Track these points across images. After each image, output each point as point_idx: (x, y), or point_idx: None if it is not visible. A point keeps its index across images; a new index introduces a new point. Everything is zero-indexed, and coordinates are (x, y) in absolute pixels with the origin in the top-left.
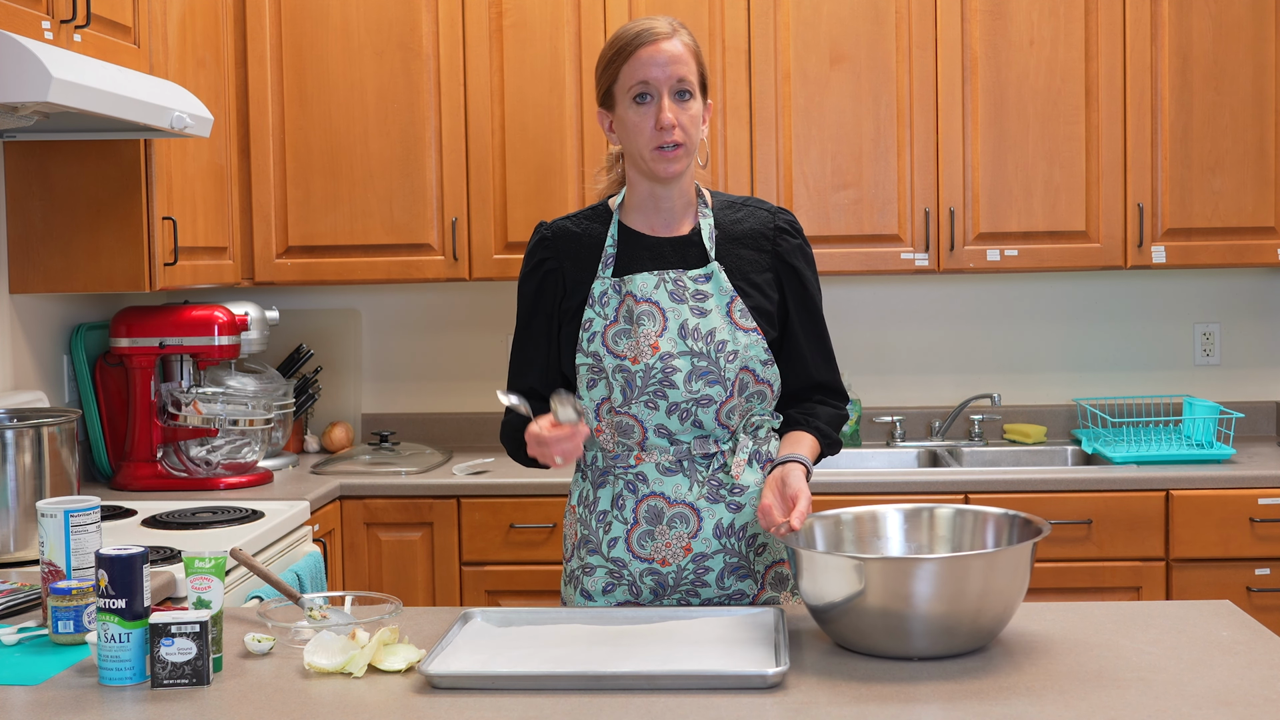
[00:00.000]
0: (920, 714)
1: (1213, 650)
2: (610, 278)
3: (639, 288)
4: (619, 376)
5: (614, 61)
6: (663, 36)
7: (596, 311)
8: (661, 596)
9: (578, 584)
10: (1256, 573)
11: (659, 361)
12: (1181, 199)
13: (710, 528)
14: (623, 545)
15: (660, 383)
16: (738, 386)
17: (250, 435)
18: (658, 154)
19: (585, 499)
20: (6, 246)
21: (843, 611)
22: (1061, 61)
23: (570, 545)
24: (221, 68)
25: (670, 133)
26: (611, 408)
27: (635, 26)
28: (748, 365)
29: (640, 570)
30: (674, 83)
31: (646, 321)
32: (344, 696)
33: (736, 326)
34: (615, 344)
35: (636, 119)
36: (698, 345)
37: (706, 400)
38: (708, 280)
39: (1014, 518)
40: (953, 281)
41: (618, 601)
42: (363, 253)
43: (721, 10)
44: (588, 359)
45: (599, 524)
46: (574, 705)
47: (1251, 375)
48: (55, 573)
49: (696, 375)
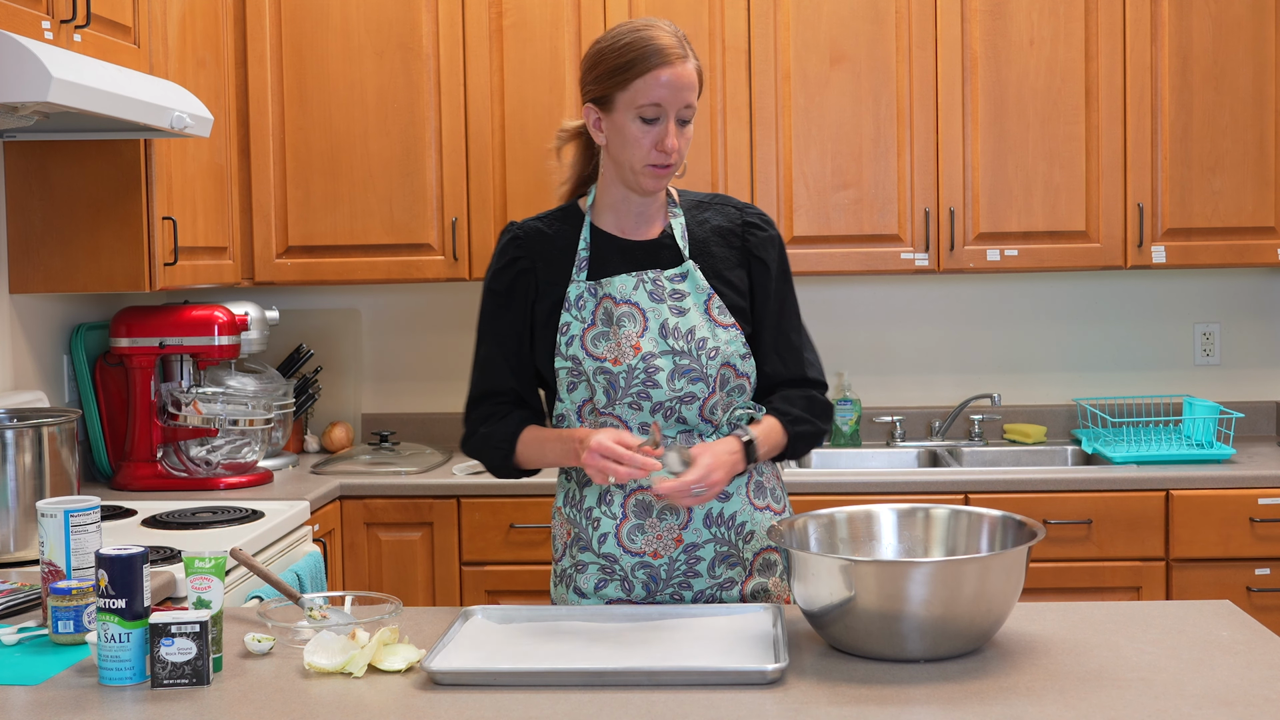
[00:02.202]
0: (920, 714)
1: (1213, 650)
2: (585, 281)
3: (618, 289)
4: (600, 378)
5: (625, 70)
6: (677, 58)
7: (573, 315)
8: (654, 590)
9: (570, 582)
10: (1256, 573)
11: (641, 362)
12: (1181, 199)
13: (700, 518)
14: (613, 540)
15: (644, 383)
16: (719, 382)
17: (250, 435)
18: (650, 170)
19: (572, 499)
20: (6, 246)
21: (837, 615)
22: (1061, 61)
23: (560, 545)
24: (221, 68)
25: (669, 156)
26: (594, 409)
27: (651, 39)
28: (728, 361)
29: (632, 564)
30: (681, 108)
31: (627, 323)
32: (344, 696)
33: (715, 324)
34: (594, 346)
35: (638, 134)
36: (679, 344)
37: (690, 398)
38: (684, 279)
39: (1009, 519)
40: (953, 281)
41: (610, 598)
42: (363, 253)
43: (721, 10)
44: (567, 362)
45: (587, 521)
46: (575, 702)
47: (1251, 375)
48: (55, 573)
49: (679, 374)
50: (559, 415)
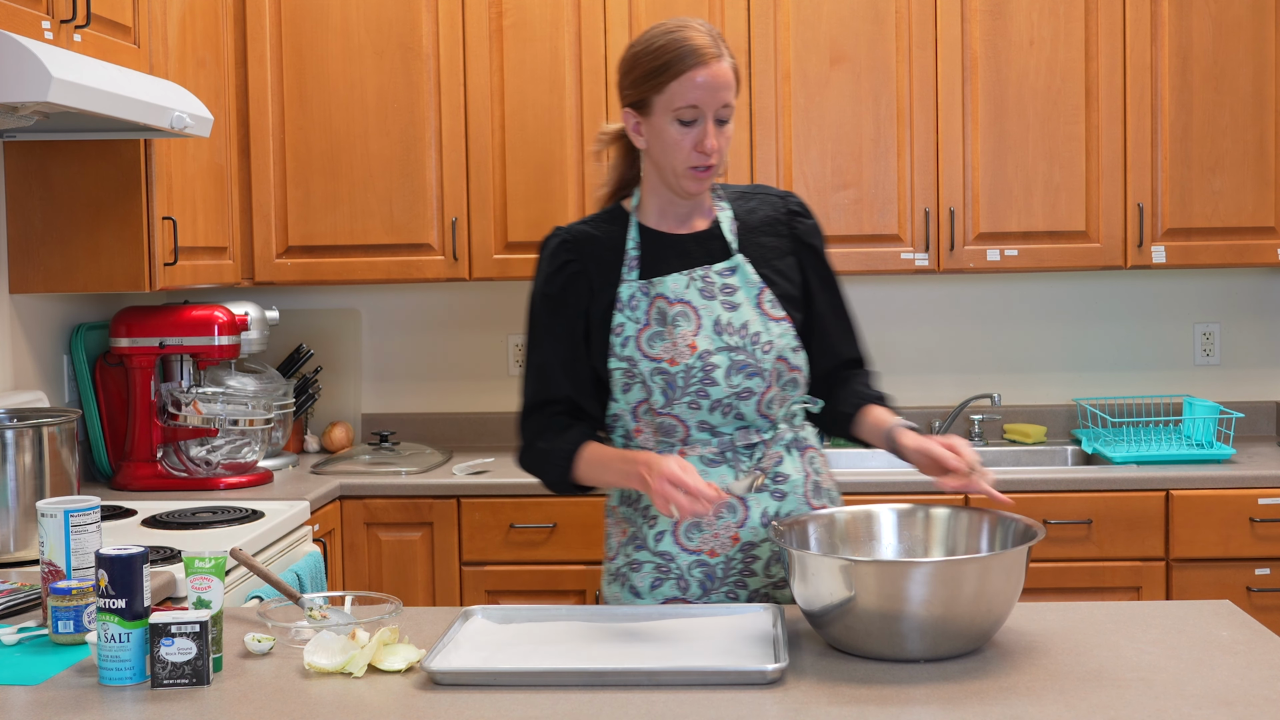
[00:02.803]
0: (921, 713)
1: (1213, 650)
2: (637, 280)
3: (670, 289)
4: (658, 379)
5: (660, 74)
6: (712, 58)
7: (627, 315)
8: (709, 589)
9: (624, 581)
10: (1256, 573)
11: (698, 360)
12: (1181, 199)
13: (757, 516)
14: (669, 538)
15: (701, 382)
16: (775, 376)
17: (250, 435)
18: (691, 173)
19: (628, 496)
20: (6, 246)
21: (837, 615)
22: (1061, 61)
23: (615, 544)
24: (221, 68)
25: (709, 157)
26: (651, 409)
27: (685, 40)
28: (781, 354)
29: (689, 563)
30: (719, 108)
31: (682, 322)
32: (344, 696)
33: (767, 317)
34: (650, 347)
35: (677, 136)
36: (733, 340)
37: (747, 393)
38: (733, 273)
39: (1009, 519)
40: (953, 281)
41: (665, 598)
42: (363, 253)
43: (721, 10)
44: (622, 363)
45: (644, 519)
46: (575, 702)
47: (1251, 375)
48: (55, 573)
49: (735, 369)
50: (613, 415)
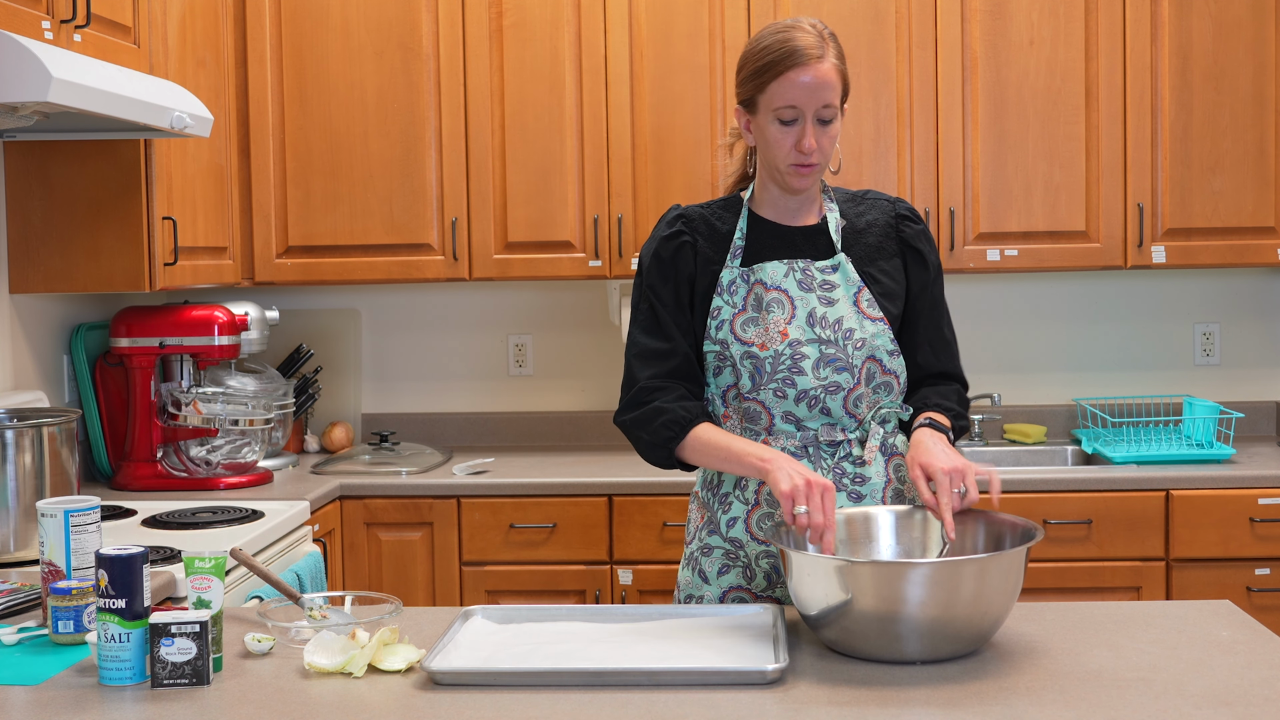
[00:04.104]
0: (921, 714)
1: (1213, 650)
2: (739, 267)
3: (769, 275)
4: (747, 363)
5: (762, 74)
6: (814, 58)
7: (725, 300)
8: (775, 582)
9: (695, 566)
10: (1256, 573)
11: (788, 348)
12: (1181, 199)
13: None
14: (741, 526)
15: (789, 370)
16: (864, 375)
17: (250, 435)
18: (793, 170)
19: (710, 482)
20: (6, 246)
21: (834, 617)
22: (1061, 61)
23: (693, 529)
24: (221, 68)
25: (809, 156)
26: (739, 394)
27: (787, 40)
28: (874, 354)
29: (757, 553)
30: (819, 108)
31: (776, 309)
32: (344, 696)
33: (864, 315)
34: (743, 331)
35: (779, 135)
36: (825, 333)
37: (834, 387)
38: (835, 271)
39: (1008, 520)
40: (952, 281)
41: (730, 585)
42: (363, 253)
43: (721, 10)
44: (715, 346)
45: (719, 505)
46: (575, 702)
47: (1251, 375)
48: (55, 573)
49: (825, 362)
50: (705, 399)
